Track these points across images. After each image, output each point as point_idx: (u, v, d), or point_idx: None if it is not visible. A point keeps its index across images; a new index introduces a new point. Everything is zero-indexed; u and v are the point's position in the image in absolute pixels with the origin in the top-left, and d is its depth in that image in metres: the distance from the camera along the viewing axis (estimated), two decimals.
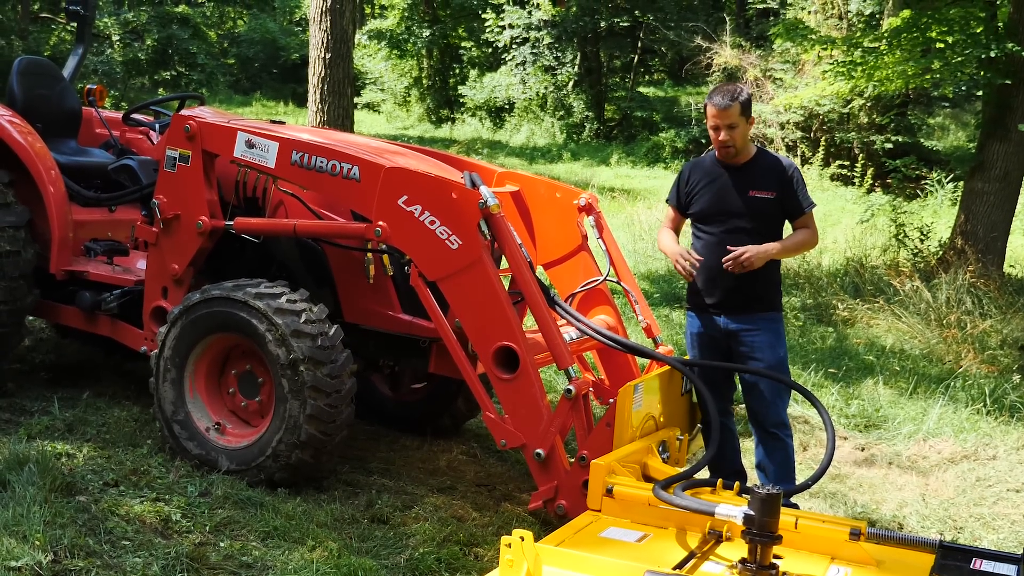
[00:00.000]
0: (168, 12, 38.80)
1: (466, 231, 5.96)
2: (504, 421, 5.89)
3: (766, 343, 6.65)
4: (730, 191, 6.68)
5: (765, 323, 6.68)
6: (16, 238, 7.41)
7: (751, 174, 6.68)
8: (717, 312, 6.71)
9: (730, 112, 6.53)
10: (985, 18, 14.64)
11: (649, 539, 4.87)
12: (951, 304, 12.37)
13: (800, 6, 30.69)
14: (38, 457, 6.14)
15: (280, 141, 6.67)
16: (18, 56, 9.00)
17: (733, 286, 6.60)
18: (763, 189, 6.64)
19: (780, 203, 6.67)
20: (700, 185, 6.81)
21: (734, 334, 6.68)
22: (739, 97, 6.56)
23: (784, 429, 6.75)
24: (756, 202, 6.63)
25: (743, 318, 6.65)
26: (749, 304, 6.64)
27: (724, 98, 6.55)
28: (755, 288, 6.62)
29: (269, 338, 6.25)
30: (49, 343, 9.32)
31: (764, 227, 6.64)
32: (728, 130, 6.56)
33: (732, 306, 6.66)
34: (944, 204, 22.03)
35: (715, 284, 6.67)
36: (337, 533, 5.91)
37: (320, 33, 15.53)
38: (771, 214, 6.68)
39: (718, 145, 6.66)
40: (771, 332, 6.68)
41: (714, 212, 6.73)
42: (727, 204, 6.68)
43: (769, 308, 6.73)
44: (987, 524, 7.16)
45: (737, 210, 6.64)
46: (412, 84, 41.45)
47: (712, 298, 6.71)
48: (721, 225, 6.68)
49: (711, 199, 6.75)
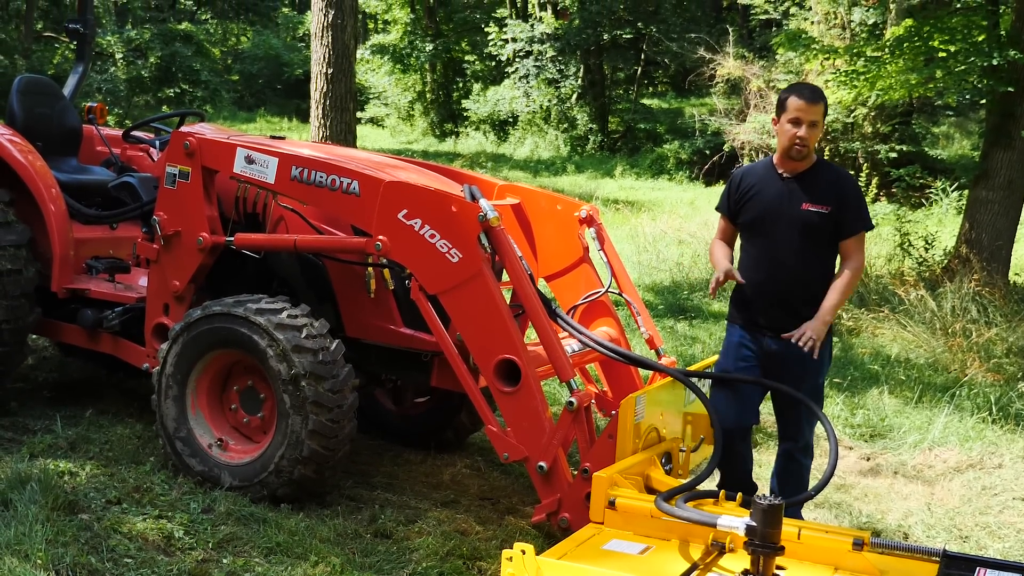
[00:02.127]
0: (171, 30, 39.00)
1: (466, 244, 5.95)
2: (506, 434, 5.88)
3: (808, 369, 6.25)
4: (783, 201, 6.24)
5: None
6: (17, 257, 7.41)
7: (808, 185, 6.22)
8: (762, 332, 6.32)
9: (817, 108, 6.12)
10: (987, 26, 14.63)
11: (652, 551, 4.86)
12: (956, 313, 12.33)
13: (803, 16, 30.70)
14: (40, 475, 6.14)
15: (279, 156, 6.67)
16: (21, 75, 9.00)
17: (781, 303, 6.24)
18: (818, 203, 6.16)
19: (834, 220, 6.16)
20: (752, 192, 6.38)
21: (775, 355, 6.29)
22: (823, 98, 6.19)
23: (808, 452, 6.50)
24: (809, 216, 6.17)
25: (788, 342, 6.20)
26: (795, 326, 6.18)
27: (814, 93, 6.18)
28: (800, 309, 6.20)
29: (270, 354, 6.24)
30: (52, 361, 9.33)
31: (814, 245, 6.22)
32: (810, 127, 6.10)
33: (777, 327, 6.24)
34: (949, 213, 22.02)
35: (762, 302, 6.29)
36: (340, 548, 5.89)
37: (322, 48, 15.59)
38: (823, 230, 6.18)
39: (791, 142, 6.15)
40: (813, 359, 6.19)
41: (763, 222, 6.30)
42: (778, 215, 6.25)
43: None
44: (993, 533, 7.13)
45: (787, 223, 6.21)
46: (416, 98, 41.53)
47: (758, 316, 6.33)
48: (769, 237, 6.28)
49: (762, 207, 6.32)
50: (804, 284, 6.24)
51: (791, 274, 6.23)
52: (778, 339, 6.26)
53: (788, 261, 6.22)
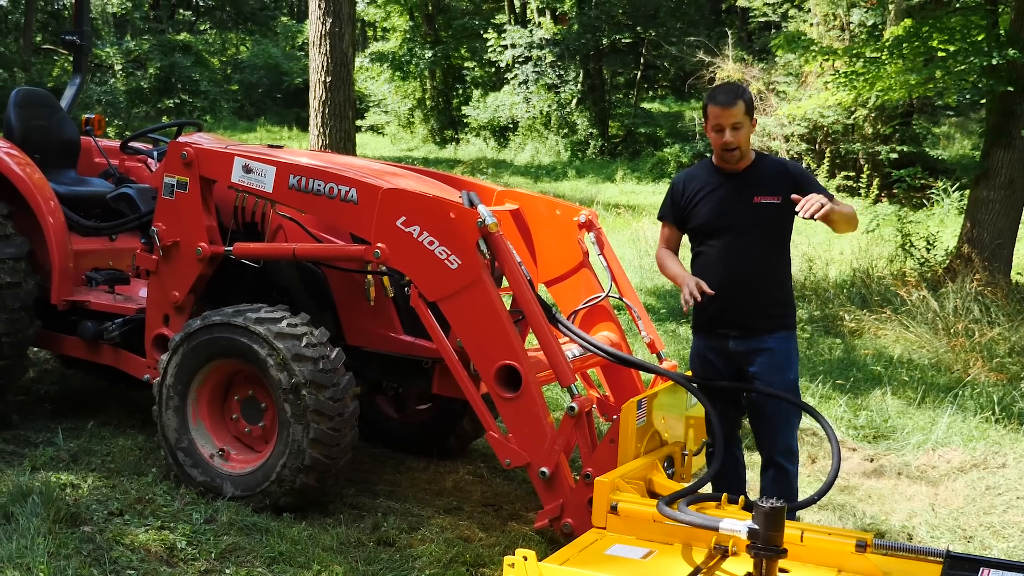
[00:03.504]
0: (170, 40, 39.03)
1: (465, 250, 5.95)
2: (508, 440, 5.87)
3: (775, 365, 6.18)
4: (732, 199, 6.16)
5: (775, 343, 6.19)
6: (16, 269, 7.41)
7: (754, 179, 6.17)
8: (723, 333, 6.22)
9: (734, 111, 6.01)
10: (986, 26, 14.64)
11: (654, 555, 4.86)
12: (958, 313, 12.32)
13: (802, 18, 30.74)
14: (42, 488, 6.14)
15: (277, 165, 6.67)
16: (19, 87, 9.01)
17: (740, 304, 6.13)
18: (768, 194, 6.09)
19: (787, 208, 5.99)
20: (699, 196, 6.27)
21: (742, 355, 6.20)
22: (743, 95, 6.10)
23: (791, 457, 6.35)
24: (762, 208, 6.10)
25: (752, 340, 6.17)
26: (758, 324, 6.16)
27: (727, 96, 6.06)
28: (764, 306, 6.17)
29: (271, 363, 6.24)
30: (53, 374, 9.33)
31: (772, 235, 6.17)
32: (732, 130, 6.03)
33: (740, 326, 6.16)
34: (950, 213, 22.00)
35: (721, 303, 6.09)
36: (343, 557, 5.88)
37: (320, 57, 15.61)
38: (779, 220, 6.13)
39: (720, 148, 6.11)
40: (781, 353, 6.20)
41: (717, 224, 6.19)
42: (730, 214, 6.16)
43: (779, 328, 6.24)
44: (997, 533, 7.11)
45: (742, 219, 6.13)
46: (415, 105, 41.50)
47: (718, 318, 6.20)
48: (724, 237, 6.17)
49: (712, 210, 6.21)
50: (763, 277, 6.19)
51: (750, 270, 6.14)
52: (742, 339, 6.19)
53: (745, 257, 6.14)
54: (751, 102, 6.16)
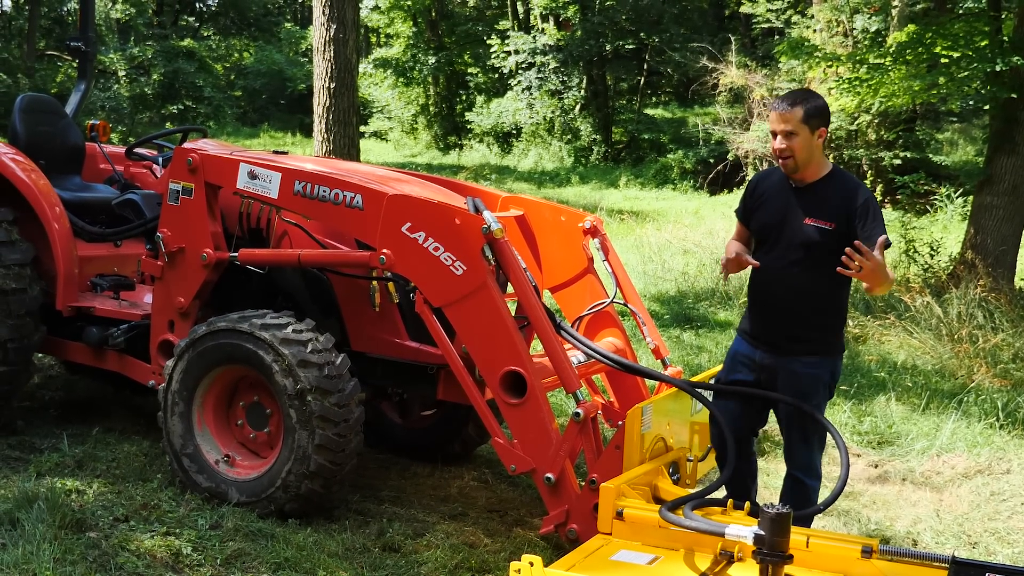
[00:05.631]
0: (174, 46, 39.10)
1: (470, 257, 5.95)
2: (513, 446, 5.86)
3: (796, 390, 5.95)
4: (788, 213, 5.92)
5: (800, 367, 5.95)
6: (22, 275, 7.41)
7: (813, 198, 5.87)
8: (755, 344, 6.10)
9: (789, 116, 5.74)
10: (990, 32, 14.63)
11: (660, 561, 4.85)
12: (962, 319, 12.32)
13: (805, 24, 30.73)
14: (47, 494, 6.12)
15: (283, 171, 6.67)
16: (23, 93, 9.01)
17: (771, 321, 6.02)
18: (822, 218, 5.79)
19: (840, 237, 5.68)
20: (763, 200, 6.11)
21: (769, 370, 6.03)
22: (807, 102, 5.78)
23: (810, 473, 6.12)
24: (810, 231, 5.82)
25: (779, 358, 5.99)
26: (784, 344, 5.96)
27: (786, 101, 5.82)
28: (794, 328, 5.95)
29: (276, 369, 6.24)
30: (58, 380, 9.33)
31: (813, 262, 5.82)
32: (786, 137, 5.76)
33: (768, 342, 6.02)
34: (954, 219, 22.00)
35: (757, 314, 6.12)
36: (349, 563, 5.88)
37: (324, 63, 15.62)
38: (826, 247, 5.74)
39: (775, 154, 5.90)
40: (806, 379, 5.95)
41: (768, 234, 6.01)
42: (782, 228, 5.94)
43: (807, 352, 5.97)
44: (1002, 538, 7.11)
45: (789, 237, 5.90)
46: (419, 111, 41.59)
47: (753, 328, 6.13)
48: (772, 252, 5.97)
49: (768, 218, 6.03)
50: (798, 300, 5.93)
51: (788, 289, 5.93)
52: (770, 355, 6.02)
53: (786, 275, 5.92)
54: (815, 112, 5.80)
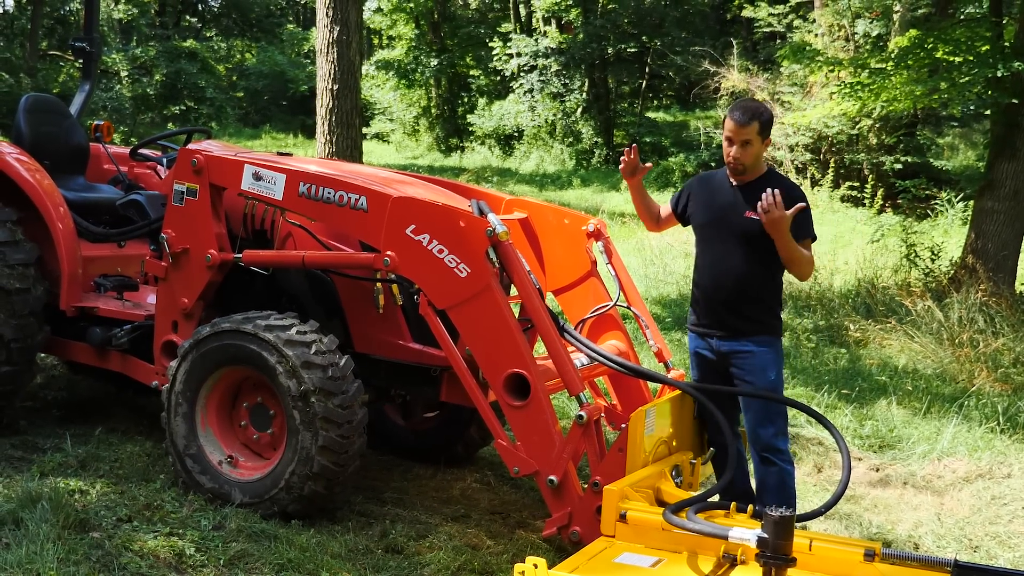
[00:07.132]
0: (176, 47, 39.09)
1: (474, 259, 5.96)
2: (516, 448, 5.87)
3: (756, 366, 6.38)
4: (727, 209, 6.42)
5: (756, 346, 6.40)
6: (26, 275, 7.42)
7: (752, 195, 6.25)
8: (711, 334, 6.52)
9: (747, 130, 6.23)
10: (991, 37, 14.64)
11: (663, 564, 4.85)
12: (963, 323, 12.33)
13: (807, 28, 30.78)
14: (51, 494, 6.13)
15: (287, 173, 6.68)
16: (27, 94, 9.01)
17: (725, 307, 6.42)
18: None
19: None
20: (701, 197, 6.64)
21: (726, 356, 6.46)
22: (760, 116, 6.28)
23: (777, 454, 6.41)
24: (749, 224, 6.29)
25: (734, 341, 6.43)
26: (740, 326, 6.40)
27: (744, 115, 6.26)
28: (746, 310, 6.39)
29: (280, 370, 6.25)
30: (61, 380, 9.33)
31: (755, 252, 6.31)
32: (741, 147, 6.27)
33: (723, 327, 6.45)
34: (955, 223, 22.00)
35: (708, 305, 6.52)
36: (351, 564, 5.89)
37: (327, 64, 15.64)
38: (763, 239, 6.22)
39: (727, 160, 6.38)
40: (763, 356, 6.40)
41: (707, 227, 6.56)
42: (721, 222, 6.46)
43: (761, 331, 6.42)
44: (1003, 542, 7.12)
45: (729, 230, 6.40)
46: (421, 114, 41.56)
47: (705, 319, 6.55)
48: (713, 243, 6.50)
49: (707, 212, 6.57)
50: (742, 288, 6.39)
51: (734, 279, 6.39)
52: (725, 339, 6.46)
53: (732, 267, 6.39)
54: (768, 123, 6.36)
